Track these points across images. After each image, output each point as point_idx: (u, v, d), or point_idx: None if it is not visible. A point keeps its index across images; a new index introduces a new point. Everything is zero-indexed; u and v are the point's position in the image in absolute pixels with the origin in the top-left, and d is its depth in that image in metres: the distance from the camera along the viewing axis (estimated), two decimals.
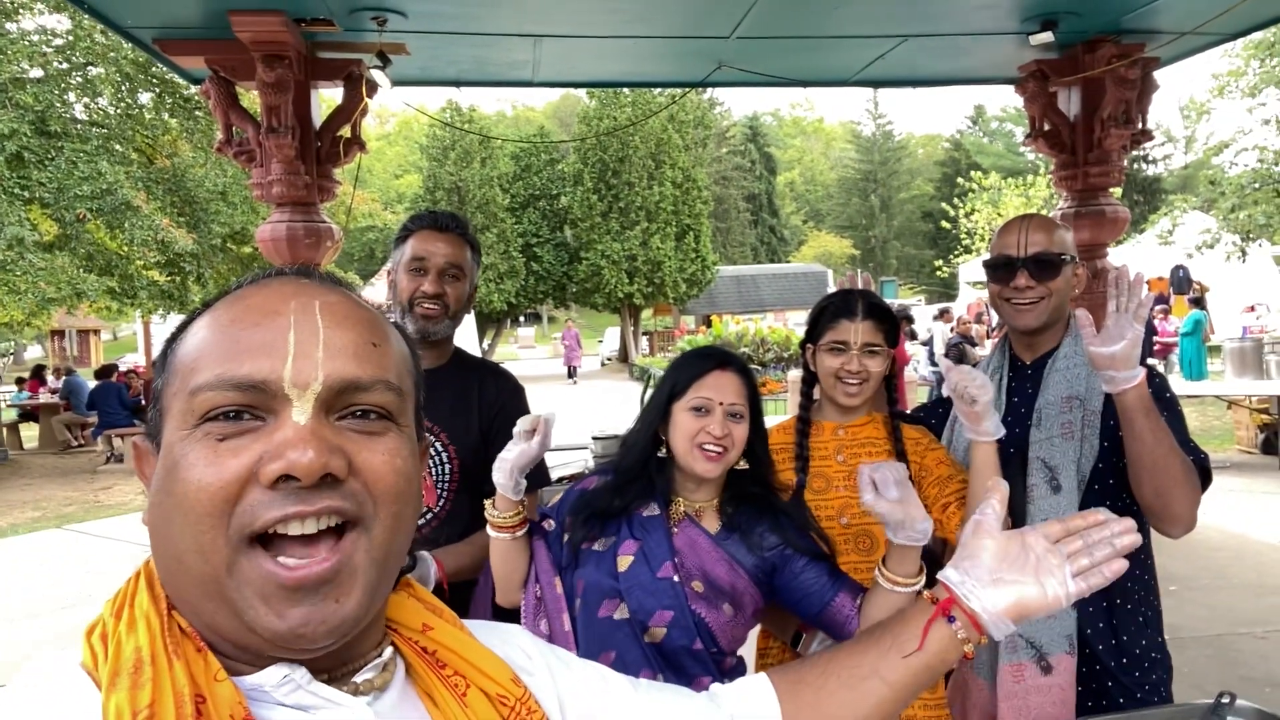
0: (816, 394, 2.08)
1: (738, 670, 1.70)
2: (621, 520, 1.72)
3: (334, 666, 0.70)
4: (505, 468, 1.68)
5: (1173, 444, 1.71)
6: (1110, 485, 1.90)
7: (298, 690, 0.67)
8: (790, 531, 1.71)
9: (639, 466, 1.75)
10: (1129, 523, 0.98)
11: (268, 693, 0.66)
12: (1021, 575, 0.95)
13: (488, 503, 1.75)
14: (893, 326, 1.99)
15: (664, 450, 1.76)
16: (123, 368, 17.97)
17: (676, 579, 1.65)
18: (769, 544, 1.69)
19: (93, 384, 14.07)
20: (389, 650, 0.75)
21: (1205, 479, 1.81)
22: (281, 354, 0.66)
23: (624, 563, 1.67)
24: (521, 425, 1.71)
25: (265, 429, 0.65)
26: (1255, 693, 1.70)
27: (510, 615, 1.79)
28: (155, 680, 0.61)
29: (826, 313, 2.01)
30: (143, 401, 13.44)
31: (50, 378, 18.17)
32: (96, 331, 36.93)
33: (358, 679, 0.71)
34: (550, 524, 1.80)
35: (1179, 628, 2.00)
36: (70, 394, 14.72)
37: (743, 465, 1.76)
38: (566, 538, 1.75)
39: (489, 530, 1.75)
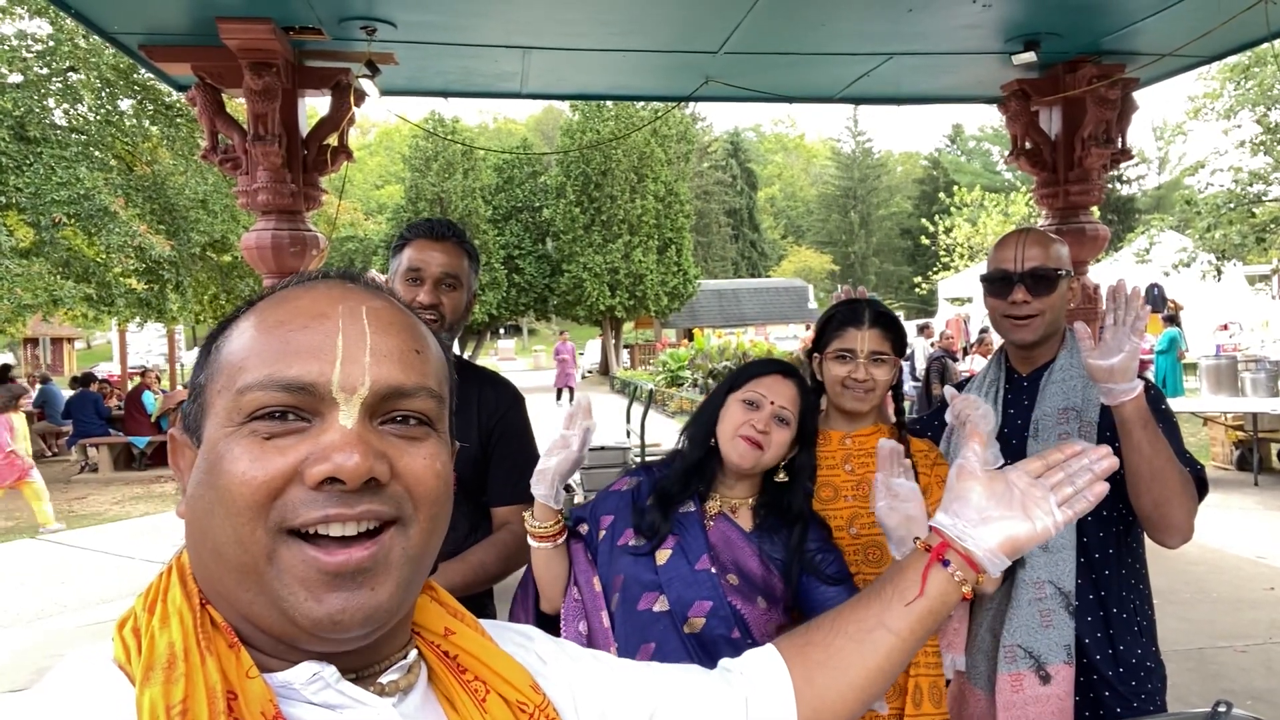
0: (823, 404, 2.09)
1: None
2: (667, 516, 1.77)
3: (361, 666, 0.71)
4: (548, 477, 1.69)
5: (1170, 455, 1.73)
6: (1107, 495, 1.92)
7: (326, 689, 0.67)
8: (824, 559, 1.76)
9: (701, 456, 1.81)
10: (1105, 449, 1.01)
11: (296, 690, 0.66)
12: (1009, 511, 0.99)
13: (525, 514, 1.76)
14: (899, 336, 2.01)
15: (713, 440, 1.81)
16: (98, 376, 17.75)
17: (714, 570, 1.70)
18: (802, 568, 1.74)
19: (68, 393, 13.88)
20: (414, 653, 0.76)
21: (1201, 489, 1.83)
22: (330, 357, 0.67)
23: (662, 556, 1.72)
24: (571, 416, 1.70)
25: (311, 430, 0.66)
26: (1237, 706, 1.72)
27: (551, 620, 1.81)
28: (189, 676, 0.62)
29: (834, 321, 2.02)
30: (118, 411, 13.28)
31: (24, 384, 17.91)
32: (70, 340, 36.49)
33: (383, 680, 0.71)
34: (585, 527, 1.84)
35: (1159, 641, 2.03)
36: (45, 403, 14.51)
37: (782, 478, 1.81)
38: (628, 536, 1.76)
39: (530, 541, 1.76)
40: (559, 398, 22.61)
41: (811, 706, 0.95)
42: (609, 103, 29.86)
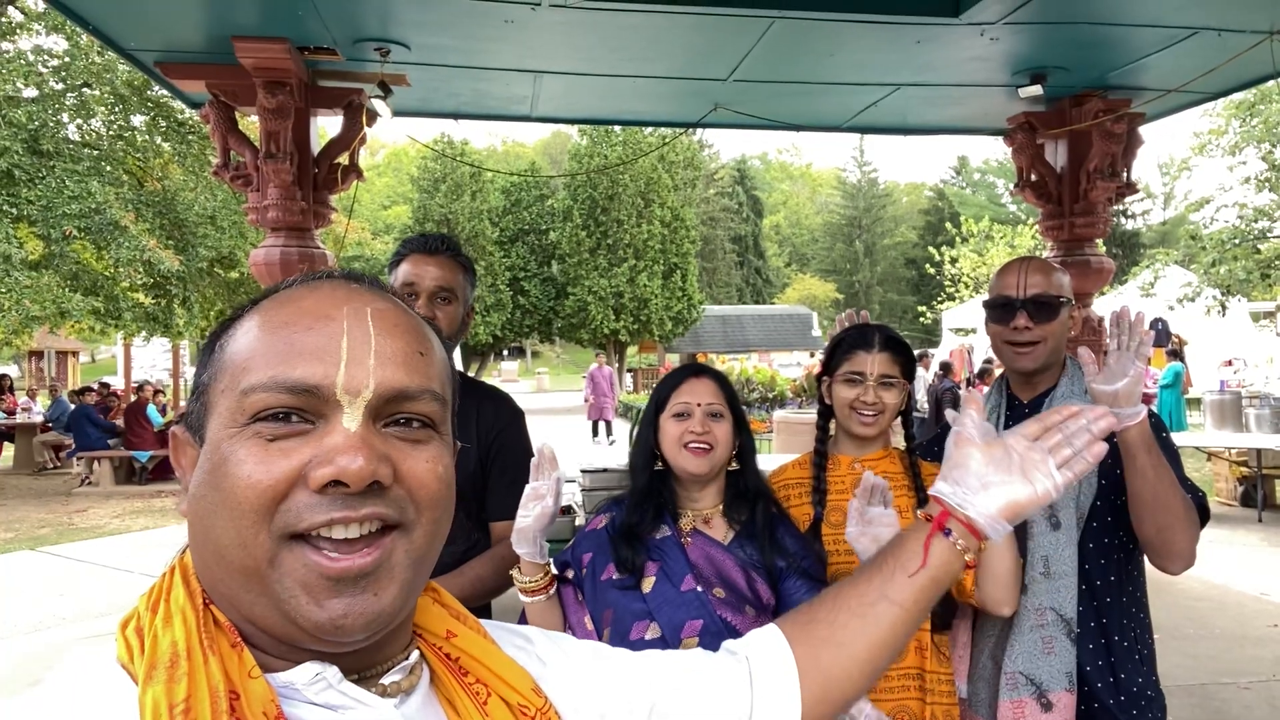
0: (832, 429, 2.10)
1: None
2: (638, 548, 1.79)
3: (363, 667, 0.71)
4: (529, 535, 1.71)
5: (1174, 481, 1.74)
6: (1109, 522, 1.92)
7: (328, 689, 0.67)
8: (796, 549, 1.79)
9: (646, 483, 1.86)
10: (1102, 409, 1.01)
11: (299, 690, 0.67)
12: (1009, 476, 0.98)
13: (514, 572, 1.78)
14: (909, 360, 2.02)
15: (660, 464, 1.86)
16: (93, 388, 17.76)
17: (700, 589, 1.72)
18: (777, 555, 1.77)
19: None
20: (415, 654, 0.76)
21: (1203, 516, 1.84)
22: (334, 360, 0.66)
23: (647, 584, 1.74)
24: (536, 467, 1.73)
25: (315, 433, 0.66)
26: None
27: None
28: (191, 675, 0.62)
29: (843, 345, 2.03)
30: (120, 423, 13.28)
31: (25, 398, 17.94)
32: (75, 353, 36.58)
33: (385, 681, 0.71)
34: (570, 571, 1.85)
35: (1163, 676, 2.02)
36: (59, 415, 14.55)
37: (734, 466, 1.87)
38: (610, 570, 1.78)
39: (521, 596, 1.78)
40: (595, 433, 18.98)
41: (817, 683, 0.94)
42: (617, 128, 30.10)
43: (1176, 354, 15.00)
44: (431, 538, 0.71)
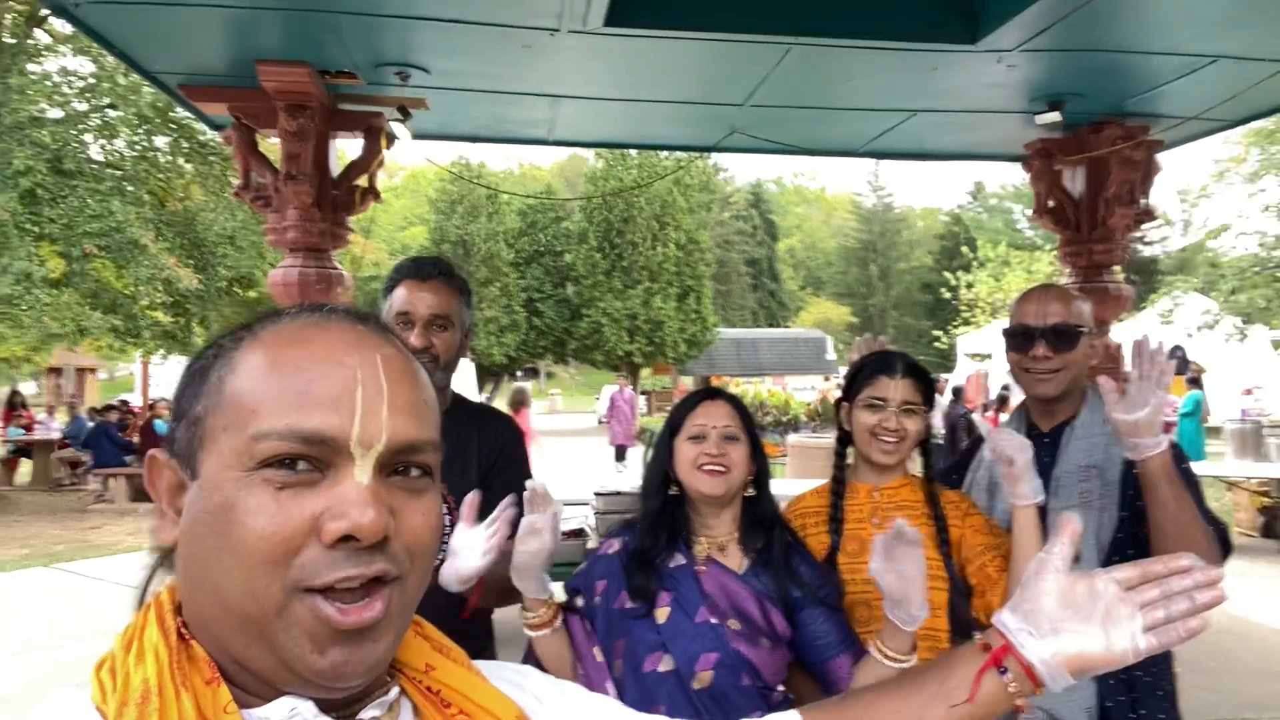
0: (851, 456, 2.07)
1: (784, 705, 1.70)
2: (651, 575, 1.77)
3: (341, 704, 0.70)
4: (530, 572, 1.68)
5: (1195, 512, 1.72)
6: (1130, 555, 1.90)
7: None
8: (813, 578, 1.77)
9: (660, 506, 1.84)
10: (1216, 573, 0.86)
11: None
12: (1086, 625, 0.86)
13: (519, 608, 1.77)
14: (929, 388, 2.01)
15: (675, 489, 1.84)
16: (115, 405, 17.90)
17: (714, 620, 1.70)
18: (793, 585, 1.75)
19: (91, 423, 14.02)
20: (395, 690, 0.75)
21: (1225, 549, 1.81)
22: (349, 411, 0.66)
23: (661, 615, 1.72)
24: (530, 502, 1.69)
25: (325, 483, 0.65)
26: None
27: None
28: (162, 711, 0.61)
29: (865, 370, 2.02)
30: (136, 440, 13.37)
31: (44, 414, 18.10)
32: (94, 370, 36.88)
33: (364, 716, 0.71)
34: (580, 600, 1.83)
35: (1185, 711, 1.99)
36: (77, 432, 14.68)
37: (751, 493, 1.85)
38: (623, 599, 1.76)
39: (526, 631, 1.76)
40: (619, 458, 17.68)
41: None
42: (633, 151, 30.29)
43: (1196, 382, 14.87)
44: (420, 585, 0.71)
